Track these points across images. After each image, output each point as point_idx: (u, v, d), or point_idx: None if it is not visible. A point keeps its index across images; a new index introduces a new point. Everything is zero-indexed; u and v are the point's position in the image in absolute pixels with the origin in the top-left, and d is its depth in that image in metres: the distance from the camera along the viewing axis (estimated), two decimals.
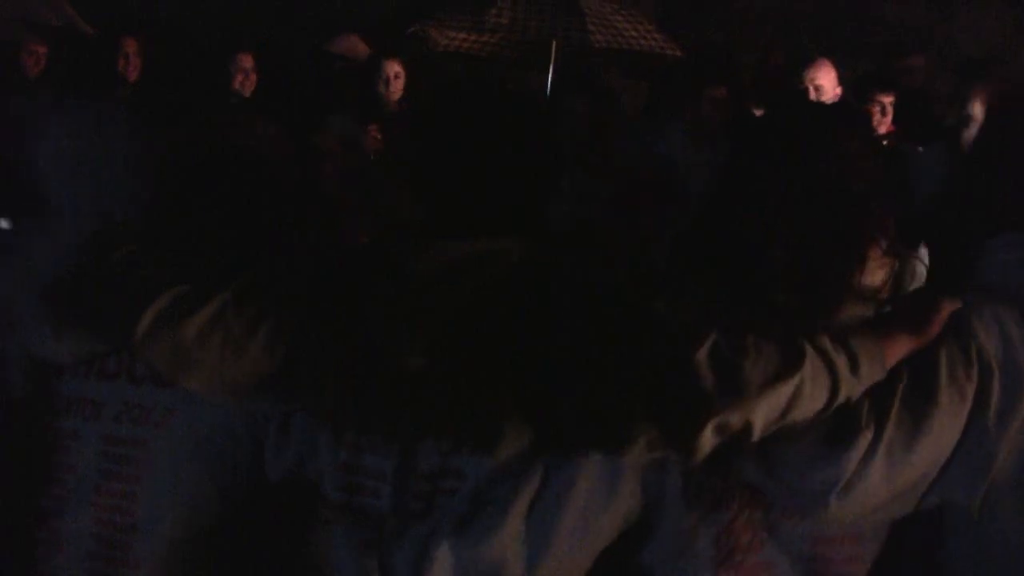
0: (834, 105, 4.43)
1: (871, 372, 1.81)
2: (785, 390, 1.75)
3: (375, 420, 1.95)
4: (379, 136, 4.96)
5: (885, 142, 5.37)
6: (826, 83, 5.29)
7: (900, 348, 1.84)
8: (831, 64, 5.32)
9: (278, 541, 2.09)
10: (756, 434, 1.76)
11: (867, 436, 1.78)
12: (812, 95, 5.18)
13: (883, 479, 1.78)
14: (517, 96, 2.23)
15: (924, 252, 2.55)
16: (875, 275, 1.90)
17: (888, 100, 5.46)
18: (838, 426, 1.79)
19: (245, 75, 5.49)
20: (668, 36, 6.17)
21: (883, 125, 5.46)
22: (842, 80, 5.40)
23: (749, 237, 1.88)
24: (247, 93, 5.48)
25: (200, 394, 2.08)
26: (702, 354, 1.75)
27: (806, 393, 1.76)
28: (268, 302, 2.05)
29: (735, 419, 1.74)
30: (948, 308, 1.87)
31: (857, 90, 5.54)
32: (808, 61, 5.34)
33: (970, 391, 1.81)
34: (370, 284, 1.99)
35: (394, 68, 5.62)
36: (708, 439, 1.75)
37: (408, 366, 1.92)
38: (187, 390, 2.08)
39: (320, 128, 4.59)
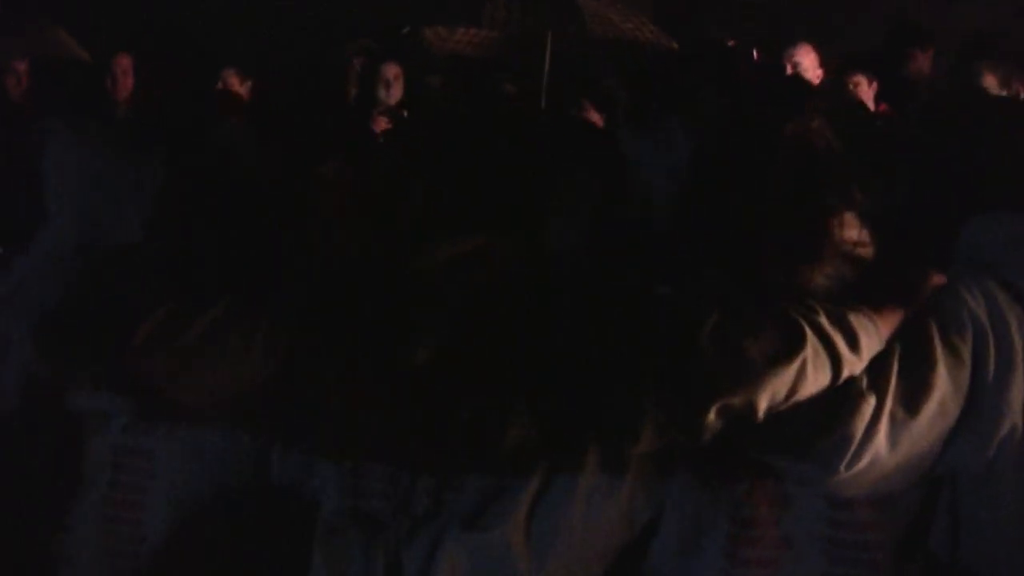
0: (793, 78, 4.52)
1: (869, 346, 1.83)
2: (788, 372, 1.77)
3: (379, 424, 1.95)
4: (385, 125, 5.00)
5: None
6: (806, 62, 5.39)
7: (893, 319, 1.87)
8: (812, 47, 5.43)
9: (283, 550, 2.10)
10: (759, 415, 1.77)
11: (870, 403, 1.79)
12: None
13: (889, 445, 1.79)
14: (513, 96, 2.28)
15: None
16: (851, 230, 1.94)
17: (859, 80, 5.52)
18: (840, 396, 1.81)
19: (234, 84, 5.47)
20: (662, 29, 6.20)
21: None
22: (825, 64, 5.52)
23: (733, 205, 1.94)
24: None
25: (199, 409, 2.09)
26: (705, 336, 1.77)
27: (808, 375, 1.78)
28: (264, 312, 2.06)
29: (738, 401, 1.76)
30: (935, 279, 1.91)
31: (836, 71, 5.64)
32: (789, 44, 5.45)
33: (966, 354, 1.84)
34: (369, 285, 2.00)
35: (393, 70, 5.65)
36: (712, 421, 1.77)
37: (410, 364, 1.92)
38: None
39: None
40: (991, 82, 4.28)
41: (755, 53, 5.78)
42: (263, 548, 2.13)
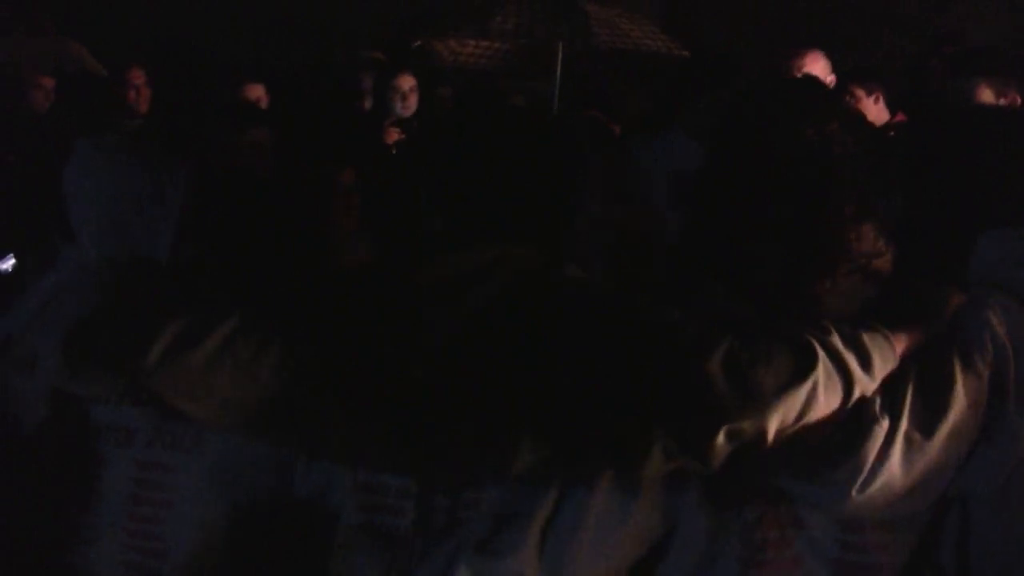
0: (802, 79, 4.46)
1: (883, 367, 1.81)
2: (798, 397, 1.75)
3: (390, 437, 1.95)
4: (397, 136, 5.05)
5: (891, 132, 5.41)
6: (816, 70, 5.37)
7: (910, 339, 1.85)
8: (821, 54, 5.43)
9: (303, 564, 2.10)
10: (769, 440, 1.77)
11: (883, 427, 1.78)
12: None
13: (903, 468, 1.78)
14: (523, 107, 2.24)
15: None
16: (867, 240, 1.91)
17: (855, 91, 5.52)
18: (852, 420, 1.79)
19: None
20: (672, 37, 6.20)
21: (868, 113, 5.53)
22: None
23: (743, 214, 1.91)
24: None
25: (212, 426, 2.08)
26: (715, 362, 1.76)
27: (819, 398, 1.77)
28: (275, 326, 2.05)
29: (748, 426, 1.75)
30: (955, 298, 1.89)
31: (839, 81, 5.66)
32: (797, 52, 5.45)
33: (986, 375, 1.81)
34: (375, 300, 2.00)
35: (408, 82, 5.65)
36: (721, 446, 1.76)
37: (416, 380, 1.92)
38: None
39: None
40: (987, 95, 4.26)
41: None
42: (284, 563, 2.15)
